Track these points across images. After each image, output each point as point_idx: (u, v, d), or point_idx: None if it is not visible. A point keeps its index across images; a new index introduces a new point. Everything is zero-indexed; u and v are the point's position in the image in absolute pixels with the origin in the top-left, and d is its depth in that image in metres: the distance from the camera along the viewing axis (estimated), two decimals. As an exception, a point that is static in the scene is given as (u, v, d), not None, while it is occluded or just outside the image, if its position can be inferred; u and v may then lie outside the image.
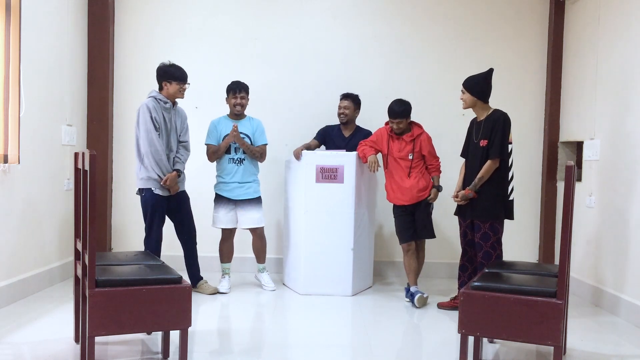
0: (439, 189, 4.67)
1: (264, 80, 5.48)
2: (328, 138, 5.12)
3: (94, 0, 5.35)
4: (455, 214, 4.37)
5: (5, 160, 4.07)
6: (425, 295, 4.51)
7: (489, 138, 4.10)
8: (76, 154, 3.32)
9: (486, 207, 4.10)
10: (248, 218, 4.82)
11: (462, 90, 4.25)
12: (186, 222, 4.68)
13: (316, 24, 5.63)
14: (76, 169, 3.33)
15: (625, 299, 4.21)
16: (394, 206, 4.73)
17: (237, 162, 4.79)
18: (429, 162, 4.66)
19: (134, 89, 5.58)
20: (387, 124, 4.78)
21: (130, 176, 5.58)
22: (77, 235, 3.31)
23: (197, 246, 4.81)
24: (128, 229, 5.59)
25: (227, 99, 4.85)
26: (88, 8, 5.35)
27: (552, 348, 2.88)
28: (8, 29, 4.09)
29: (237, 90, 4.79)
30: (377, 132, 4.82)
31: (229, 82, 4.86)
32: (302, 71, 5.61)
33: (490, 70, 4.24)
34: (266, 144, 4.92)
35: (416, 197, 4.60)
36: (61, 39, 4.89)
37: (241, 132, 4.78)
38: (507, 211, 4.17)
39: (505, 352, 3.52)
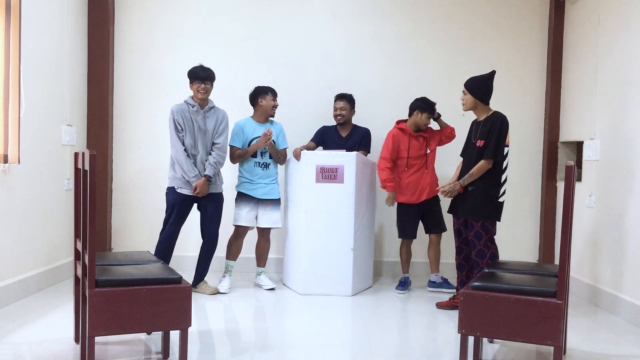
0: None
1: (264, 80, 5.45)
2: (326, 139, 5.14)
3: (94, 0, 5.35)
4: (449, 211, 4.41)
5: (5, 160, 4.06)
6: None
7: (485, 139, 4.12)
8: (76, 154, 3.32)
9: (478, 206, 4.12)
10: (269, 218, 4.87)
11: (463, 91, 4.23)
12: (205, 224, 4.69)
13: (316, 24, 5.63)
14: (76, 169, 3.33)
15: (625, 299, 4.21)
16: (402, 204, 4.93)
17: (262, 166, 4.84)
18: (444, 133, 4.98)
19: (134, 89, 5.58)
20: (399, 122, 4.93)
21: (130, 176, 5.59)
22: (77, 235, 3.31)
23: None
24: (128, 229, 5.59)
25: (260, 101, 4.87)
26: (88, 8, 5.35)
27: (552, 348, 2.88)
28: (8, 29, 4.09)
29: (275, 93, 4.89)
30: (392, 140, 4.89)
31: (262, 86, 4.91)
32: (302, 71, 5.61)
33: (493, 73, 4.24)
34: (287, 148, 5.00)
35: (434, 192, 4.88)
36: (61, 39, 4.89)
37: None
38: (497, 212, 4.18)
39: (505, 352, 3.52)
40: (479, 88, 4.17)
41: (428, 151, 4.91)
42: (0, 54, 4.05)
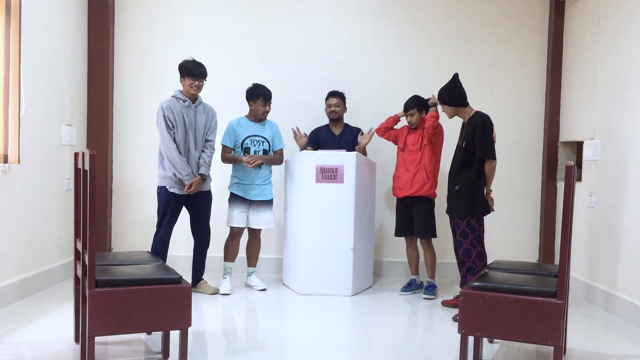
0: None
1: (264, 80, 5.44)
2: (319, 139, 5.15)
3: (94, 0, 5.35)
4: (446, 212, 4.43)
5: (5, 160, 4.07)
6: (432, 297, 4.73)
7: (471, 141, 4.16)
8: (76, 154, 3.32)
9: (463, 204, 4.19)
10: (260, 219, 4.85)
11: (441, 105, 4.35)
12: (199, 222, 4.68)
13: (316, 24, 5.63)
14: (76, 169, 3.33)
15: (625, 299, 4.21)
16: (397, 200, 4.91)
17: (255, 167, 4.81)
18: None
19: (134, 89, 5.58)
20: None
21: (130, 176, 5.59)
22: (77, 235, 3.31)
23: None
24: (128, 229, 5.59)
25: (251, 104, 4.84)
26: (88, 8, 5.36)
27: (552, 348, 2.88)
28: (8, 29, 4.09)
29: (267, 97, 4.80)
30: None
31: (256, 88, 4.83)
32: (302, 71, 5.61)
33: (456, 75, 4.32)
34: (283, 148, 4.97)
35: (413, 189, 4.72)
36: (61, 39, 4.89)
37: (261, 136, 4.83)
38: (485, 207, 4.23)
39: (505, 352, 3.52)
40: (451, 96, 4.26)
41: (419, 147, 4.77)
42: (0, 54, 4.05)
